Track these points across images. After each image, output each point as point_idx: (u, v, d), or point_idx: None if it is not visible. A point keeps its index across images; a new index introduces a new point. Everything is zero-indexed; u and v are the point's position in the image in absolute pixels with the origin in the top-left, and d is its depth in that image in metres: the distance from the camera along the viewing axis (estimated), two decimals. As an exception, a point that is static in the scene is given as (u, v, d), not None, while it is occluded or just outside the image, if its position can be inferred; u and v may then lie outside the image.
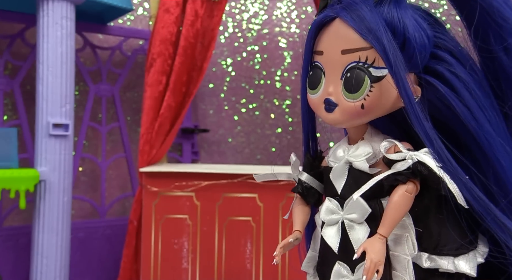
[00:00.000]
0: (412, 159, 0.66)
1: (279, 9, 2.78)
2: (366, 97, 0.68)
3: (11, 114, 2.23)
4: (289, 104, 2.76)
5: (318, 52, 0.73)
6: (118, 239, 2.27)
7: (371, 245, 0.65)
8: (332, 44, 0.70)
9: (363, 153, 0.71)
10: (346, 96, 0.69)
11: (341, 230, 0.70)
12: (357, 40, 0.67)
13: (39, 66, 1.85)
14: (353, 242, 0.69)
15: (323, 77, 0.72)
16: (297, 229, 0.76)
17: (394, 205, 0.66)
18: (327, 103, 0.71)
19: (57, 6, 1.83)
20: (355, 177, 0.71)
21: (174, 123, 2.01)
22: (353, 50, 0.68)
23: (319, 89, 0.72)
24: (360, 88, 0.67)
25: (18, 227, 2.14)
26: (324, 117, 0.73)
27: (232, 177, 1.84)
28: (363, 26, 0.67)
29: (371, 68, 0.67)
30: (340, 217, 0.71)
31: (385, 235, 0.66)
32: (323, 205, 0.73)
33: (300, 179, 0.79)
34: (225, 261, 1.85)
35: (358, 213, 0.69)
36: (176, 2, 1.96)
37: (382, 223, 0.66)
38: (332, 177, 0.73)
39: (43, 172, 1.83)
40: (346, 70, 0.69)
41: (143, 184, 1.89)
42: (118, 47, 2.40)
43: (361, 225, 0.69)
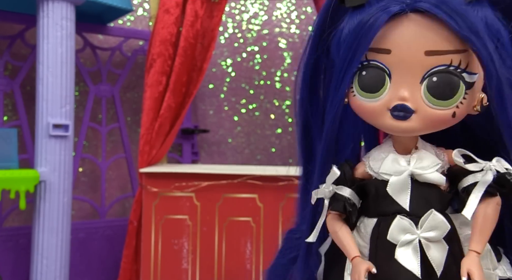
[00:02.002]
0: (491, 169, 0.62)
1: (279, 9, 2.78)
2: (459, 105, 0.61)
3: (11, 115, 2.23)
4: (289, 104, 2.77)
5: (380, 50, 0.62)
6: (118, 240, 2.27)
7: (473, 265, 0.59)
8: (410, 42, 0.60)
9: (431, 163, 0.65)
10: (432, 103, 0.61)
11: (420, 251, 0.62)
12: (450, 41, 0.59)
13: (39, 67, 1.85)
14: (432, 262, 0.62)
15: (387, 80, 0.63)
16: (357, 255, 0.66)
17: (488, 219, 0.62)
18: (400, 110, 0.62)
19: (57, 6, 1.83)
20: (422, 191, 0.64)
21: (174, 123, 2.01)
22: (444, 52, 0.60)
23: (381, 94, 0.63)
24: (455, 94, 0.60)
25: (18, 228, 2.14)
26: (390, 125, 0.64)
27: (232, 178, 1.84)
28: (464, 25, 0.58)
29: (464, 73, 0.60)
30: (416, 237, 0.62)
31: (480, 252, 0.61)
32: (393, 224, 0.63)
33: (342, 195, 0.68)
34: (225, 261, 1.85)
35: (437, 230, 0.62)
36: (176, 3, 1.96)
37: (475, 239, 0.61)
38: (391, 192, 0.65)
39: (43, 172, 1.83)
40: (429, 73, 0.61)
41: (143, 184, 1.89)
42: (118, 47, 2.40)
43: (439, 243, 0.62)
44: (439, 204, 0.64)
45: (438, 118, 0.62)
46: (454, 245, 0.64)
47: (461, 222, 0.66)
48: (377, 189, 0.67)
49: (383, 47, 0.62)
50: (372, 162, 0.69)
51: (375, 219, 0.67)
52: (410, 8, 0.60)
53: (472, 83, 0.61)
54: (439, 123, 0.63)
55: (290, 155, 2.77)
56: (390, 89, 0.63)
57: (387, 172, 0.66)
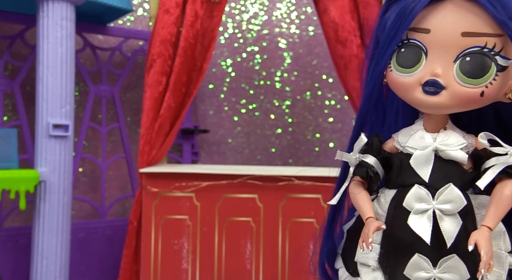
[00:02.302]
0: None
1: (279, 9, 2.78)
2: (489, 85, 0.64)
3: (11, 115, 2.23)
4: (289, 104, 2.77)
5: (420, 30, 0.66)
6: (118, 240, 2.27)
7: (483, 237, 0.61)
8: (448, 23, 0.64)
9: (456, 142, 0.68)
10: (463, 81, 0.64)
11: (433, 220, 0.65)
12: (487, 24, 0.63)
13: (39, 67, 1.85)
14: (444, 233, 0.64)
15: (423, 57, 0.66)
16: (371, 216, 0.69)
17: (505, 199, 0.63)
18: (431, 85, 0.65)
19: (57, 7, 1.83)
20: (443, 166, 0.67)
21: (174, 124, 2.01)
22: (480, 34, 0.63)
23: (416, 69, 0.67)
24: (485, 74, 0.64)
25: (18, 228, 2.14)
26: (419, 100, 0.67)
27: (232, 178, 1.84)
28: (502, 10, 0.61)
29: (497, 56, 0.64)
30: (431, 206, 0.65)
31: (492, 228, 0.63)
32: (410, 192, 0.67)
33: (367, 162, 0.72)
34: (225, 261, 1.85)
35: (453, 204, 0.65)
36: (176, 3, 1.96)
37: (489, 215, 0.63)
38: (414, 164, 0.68)
39: (43, 172, 1.83)
40: (463, 53, 0.64)
41: (143, 184, 1.89)
42: (118, 48, 2.40)
43: (453, 217, 0.65)
44: (459, 181, 0.66)
45: (467, 95, 0.65)
46: (469, 222, 0.65)
47: (480, 203, 0.68)
48: (401, 161, 0.70)
49: (423, 27, 0.66)
50: (401, 137, 0.72)
51: (395, 190, 0.70)
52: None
53: (505, 67, 0.64)
54: (467, 101, 0.65)
55: (290, 155, 2.77)
56: (425, 66, 0.66)
57: (413, 146, 0.69)
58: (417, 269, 0.65)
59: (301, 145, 2.77)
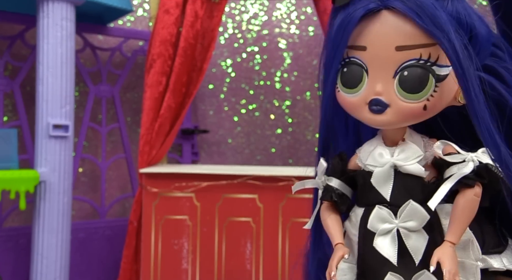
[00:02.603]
0: (473, 160, 0.62)
1: (278, 10, 2.79)
2: (430, 98, 0.62)
3: (11, 115, 2.23)
4: (289, 105, 2.77)
5: (357, 48, 0.65)
6: (118, 240, 2.27)
7: (445, 255, 0.61)
8: (382, 39, 0.63)
9: (412, 155, 0.66)
10: (403, 97, 0.63)
11: (397, 239, 0.64)
12: (417, 36, 0.61)
13: (39, 67, 1.85)
14: (411, 251, 0.64)
15: (365, 75, 0.65)
16: (340, 242, 0.69)
17: (464, 210, 0.62)
18: (375, 104, 0.64)
19: (57, 7, 1.83)
20: (404, 182, 0.66)
21: (174, 124, 2.02)
22: (413, 47, 0.62)
23: (360, 89, 0.65)
24: (424, 88, 0.62)
25: (18, 228, 2.14)
26: (368, 119, 0.66)
27: (232, 178, 1.84)
28: (428, 20, 0.60)
29: (434, 66, 0.62)
30: (394, 226, 0.65)
31: (455, 242, 0.62)
32: (372, 214, 0.66)
33: (330, 185, 0.72)
34: (225, 261, 1.85)
35: (416, 220, 0.63)
36: (176, 3, 1.96)
37: (451, 229, 0.62)
38: (374, 182, 0.67)
39: (43, 172, 1.83)
40: (401, 68, 0.62)
41: (143, 184, 1.90)
42: (118, 48, 2.40)
43: (418, 233, 0.64)
44: (421, 195, 0.64)
45: (410, 111, 0.64)
46: (437, 235, 0.64)
47: (447, 212, 0.67)
48: (364, 179, 0.69)
49: (359, 44, 0.64)
50: (362, 154, 0.71)
51: (363, 208, 0.70)
52: (383, 6, 0.62)
53: (444, 76, 0.63)
54: (411, 117, 0.64)
55: (290, 155, 2.77)
56: (368, 84, 0.65)
57: (372, 163, 0.68)
58: None
59: (301, 145, 2.77)
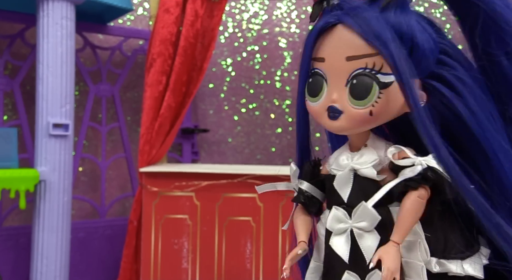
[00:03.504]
0: (421, 164, 0.66)
1: (279, 9, 2.78)
2: (375, 104, 0.67)
3: (11, 114, 2.23)
4: (289, 104, 2.77)
5: (318, 59, 0.71)
6: (118, 239, 2.27)
7: (386, 253, 0.64)
8: (335, 50, 0.69)
9: (368, 159, 0.70)
10: (353, 104, 0.68)
11: (351, 239, 0.69)
12: (363, 47, 0.66)
13: (39, 66, 1.85)
14: (363, 250, 0.68)
15: (324, 85, 0.70)
16: (302, 240, 0.74)
17: (407, 212, 0.65)
18: (331, 111, 0.69)
19: (57, 6, 1.83)
20: (361, 185, 0.70)
21: (174, 123, 2.01)
22: (359, 57, 0.67)
23: (320, 97, 0.71)
24: (369, 95, 0.67)
25: (18, 227, 2.14)
26: (327, 125, 0.71)
27: (232, 177, 1.84)
28: (370, 32, 0.65)
29: (378, 74, 0.66)
30: (348, 226, 0.69)
31: (399, 242, 0.65)
32: (330, 213, 0.71)
33: (301, 188, 0.77)
34: (225, 261, 1.85)
35: (367, 221, 0.67)
36: (176, 2, 1.96)
37: (395, 229, 0.66)
38: (336, 185, 0.72)
39: (43, 172, 1.83)
40: (351, 77, 0.68)
41: (143, 184, 1.89)
42: (118, 47, 2.40)
43: (371, 233, 0.68)
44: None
45: (359, 117, 0.68)
46: (388, 236, 0.67)
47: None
48: (330, 183, 0.74)
49: (319, 56, 0.71)
50: (331, 159, 0.76)
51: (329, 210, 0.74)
52: (339, 21, 0.69)
53: (388, 83, 0.67)
54: (361, 122, 0.69)
55: (290, 154, 2.77)
56: (327, 93, 0.70)
57: (336, 167, 0.73)
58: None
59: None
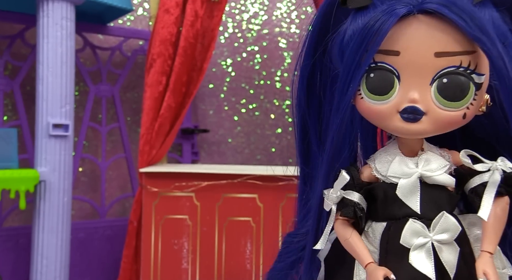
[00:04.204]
0: (497, 168, 0.62)
1: (279, 9, 2.78)
2: (470, 106, 0.61)
3: (11, 114, 2.23)
4: (289, 104, 2.76)
5: (389, 52, 0.61)
6: (118, 240, 2.27)
7: (488, 266, 0.60)
8: (419, 44, 0.60)
9: (439, 165, 0.64)
10: (443, 105, 0.60)
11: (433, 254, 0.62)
12: (460, 43, 0.59)
13: (39, 67, 1.85)
14: (446, 264, 0.61)
15: (396, 82, 0.62)
16: (371, 261, 0.64)
17: (500, 219, 0.62)
18: (410, 112, 0.61)
19: (57, 6, 1.83)
20: (430, 193, 0.64)
21: (174, 123, 2.01)
22: (454, 54, 0.59)
23: (391, 96, 0.62)
24: (466, 96, 0.60)
25: (18, 228, 2.14)
26: (400, 128, 0.63)
27: (232, 177, 1.84)
28: (475, 26, 0.57)
29: (474, 74, 0.60)
30: (429, 239, 0.62)
31: (493, 252, 0.61)
32: (406, 227, 0.63)
33: (352, 200, 0.67)
34: (225, 261, 1.85)
35: (449, 232, 0.62)
36: (176, 3, 1.96)
37: (489, 239, 0.61)
38: (401, 195, 0.64)
39: (43, 172, 1.83)
40: (439, 75, 0.60)
41: (143, 184, 1.89)
42: (118, 47, 2.40)
43: (450, 245, 0.62)
44: (449, 206, 0.63)
45: (450, 119, 0.61)
46: (465, 247, 0.64)
47: (469, 222, 0.66)
48: (385, 192, 0.66)
49: (392, 49, 0.61)
50: (379, 165, 0.68)
51: (384, 223, 0.67)
52: (418, 9, 0.60)
53: (481, 84, 0.61)
54: (450, 125, 0.62)
55: (290, 154, 2.77)
56: (400, 91, 0.62)
57: (395, 174, 0.65)
58: None
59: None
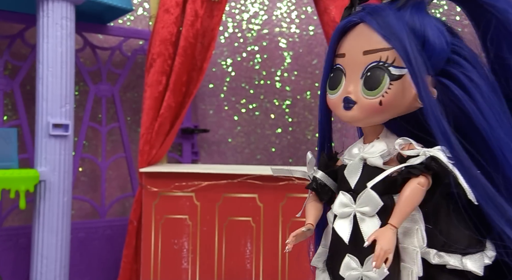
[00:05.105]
0: (425, 154, 0.69)
1: (279, 9, 2.78)
2: (384, 94, 0.71)
3: (11, 114, 2.23)
4: (289, 104, 2.76)
5: (340, 55, 0.77)
6: (118, 239, 2.27)
7: (381, 234, 0.67)
8: (354, 46, 0.75)
9: (377, 150, 0.75)
10: (365, 94, 0.73)
11: (353, 223, 0.72)
12: (379, 42, 0.71)
13: (39, 67, 1.85)
14: (363, 234, 0.71)
15: (343, 78, 0.76)
16: (309, 222, 0.79)
17: (406, 197, 0.68)
18: (346, 102, 0.75)
19: (57, 6, 1.83)
20: (369, 173, 0.73)
21: (174, 123, 2.01)
22: (375, 51, 0.72)
23: (338, 89, 0.76)
24: (379, 85, 0.71)
25: (18, 227, 2.14)
26: (342, 115, 0.77)
27: (232, 177, 1.84)
28: (387, 29, 0.70)
29: (391, 67, 0.71)
30: (352, 210, 0.73)
31: (396, 226, 0.68)
32: (337, 199, 0.76)
33: (315, 176, 0.82)
34: (225, 261, 1.85)
35: (370, 206, 0.71)
36: (176, 2, 1.96)
37: (394, 213, 0.68)
38: (346, 173, 0.76)
39: (43, 172, 1.83)
40: (366, 69, 0.73)
41: (143, 184, 1.89)
42: (118, 47, 2.40)
43: (372, 218, 0.71)
44: (381, 185, 0.71)
45: (369, 106, 0.73)
46: (387, 221, 0.70)
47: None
48: (341, 172, 0.78)
49: (341, 52, 0.77)
50: (345, 151, 0.81)
51: None
52: (360, 20, 0.74)
53: (399, 76, 0.71)
54: (372, 111, 0.73)
55: (290, 154, 2.77)
56: (344, 86, 0.76)
57: (348, 157, 0.78)
58: (348, 268, 0.72)
59: (301, 145, 2.76)
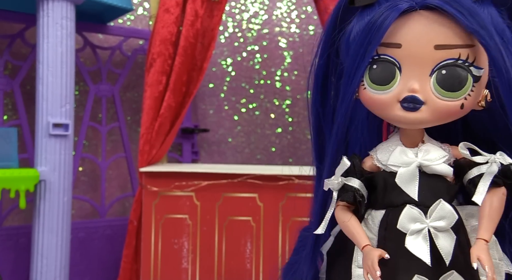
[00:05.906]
0: (496, 161, 0.64)
1: (279, 9, 2.78)
2: (467, 97, 0.64)
3: (11, 114, 2.23)
4: (289, 104, 2.76)
5: (391, 45, 0.65)
6: (118, 239, 2.27)
7: (483, 252, 0.61)
8: (420, 37, 0.63)
9: (438, 155, 0.67)
10: (442, 95, 0.64)
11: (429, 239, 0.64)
12: (459, 36, 0.62)
13: (39, 66, 1.85)
14: (441, 251, 0.64)
15: (397, 73, 0.65)
16: (368, 244, 0.67)
17: (496, 209, 0.64)
18: (410, 101, 0.64)
19: (57, 6, 1.83)
20: (428, 182, 0.66)
21: (174, 123, 2.01)
22: (453, 47, 0.63)
23: (392, 86, 0.65)
24: (463, 87, 0.63)
25: (18, 227, 2.13)
26: (399, 116, 0.66)
27: (232, 177, 1.84)
28: (473, 20, 0.61)
29: (472, 67, 0.63)
30: (425, 225, 0.64)
31: (489, 240, 0.63)
32: (403, 213, 0.65)
33: (352, 186, 0.70)
34: (225, 261, 1.85)
35: (446, 220, 0.64)
36: (176, 2, 1.96)
37: (485, 227, 0.63)
38: (400, 182, 0.67)
39: (43, 171, 1.83)
40: (439, 66, 0.63)
41: (143, 184, 1.89)
42: (118, 47, 2.40)
43: (447, 233, 0.64)
44: (446, 195, 0.65)
45: (448, 109, 0.64)
46: (461, 235, 0.65)
47: (467, 213, 0.68)
48: (385, 180, 0.69)
49: (394, 42, 0.64)
50: (380, 155, 0.71)
51: (383, 210, 0.69)
52: (420, 5, 0.63)
53: (479, 77, 0.64)
54: (448, 115, 0.65)
55: (290, 154, 2.77)
56: (401, 82, 0.65)
57: (395, 163, 0.68)
58: None
59: (302, 144, 2.76)
